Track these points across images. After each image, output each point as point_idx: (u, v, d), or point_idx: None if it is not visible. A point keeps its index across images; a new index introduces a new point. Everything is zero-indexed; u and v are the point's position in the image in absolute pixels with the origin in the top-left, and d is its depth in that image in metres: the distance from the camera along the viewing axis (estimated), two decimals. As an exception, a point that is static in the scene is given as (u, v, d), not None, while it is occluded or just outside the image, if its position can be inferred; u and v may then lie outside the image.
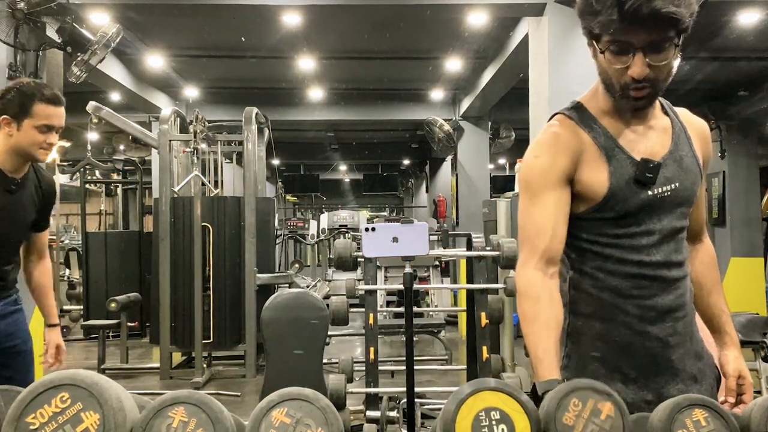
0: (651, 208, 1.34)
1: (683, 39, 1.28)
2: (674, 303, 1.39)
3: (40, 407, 1.20)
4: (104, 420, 1.20)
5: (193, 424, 1.23)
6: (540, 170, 1.35)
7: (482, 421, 1.28)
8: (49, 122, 2.23)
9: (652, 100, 1.35)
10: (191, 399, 1.26)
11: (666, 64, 1.28)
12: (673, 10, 1.20)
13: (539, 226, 1.34)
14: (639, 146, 1.36)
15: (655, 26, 1.22)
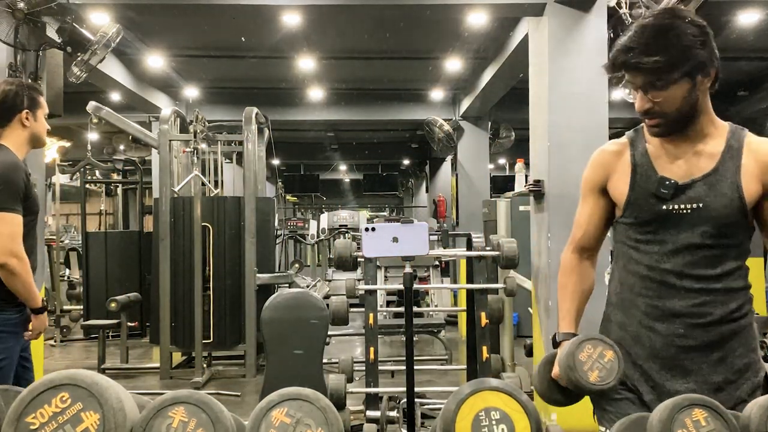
0: (668, 221, 1.53)
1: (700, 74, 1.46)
2: (687, 309, 1.54)
3: (40, 407, 1.20)
4: (104, 420, 1.20)
5: (193, 424, 1.23)
6: (584, 180, 1.69)
7: (482, 421, 1.28)
8: (47, 110, 2.61)
9: (667, 128, 1.52)
10: (191, 399, 1.26)
11: (668, 98, 1.46)
12: (638, 62, 1.44)
13: (579, 222, 1.78)
14: (674, 166, 1.54)
15: (640, 72, 1.46)
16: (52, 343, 7.74)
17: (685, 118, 1.51)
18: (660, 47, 1.43)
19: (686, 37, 1.44)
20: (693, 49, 1.44)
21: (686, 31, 1.44)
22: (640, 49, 1.44)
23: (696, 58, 1.44)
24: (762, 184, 1.53)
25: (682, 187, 1.52)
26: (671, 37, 1.43)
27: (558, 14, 4.51)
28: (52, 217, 9.88)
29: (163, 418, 1.22)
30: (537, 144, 4.76)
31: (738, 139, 1.58)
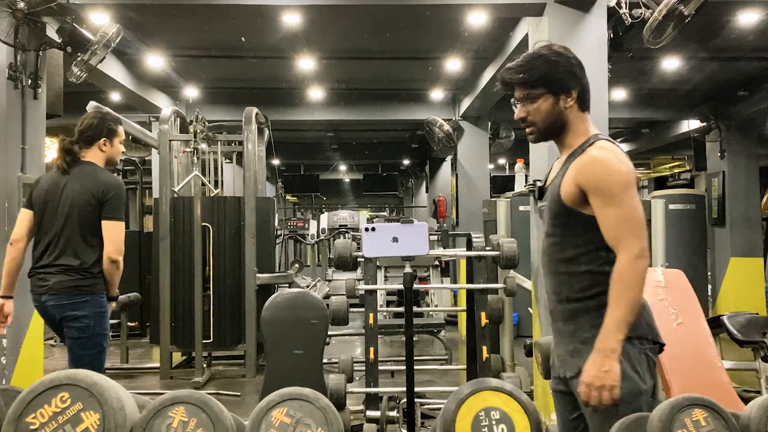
0: (540, 215, 1.95)
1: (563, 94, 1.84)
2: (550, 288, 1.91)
3: (40, 407, 1.20)
4: (104, 420, 1.20)
5: (193, 424, 1.23)
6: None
7: (482, 421, 1.28)
8: (123, 138, 3.32)
9: (538, 137, 1.92)
10: (191, 399, 1.26)
11: (536, 111, 1.86)
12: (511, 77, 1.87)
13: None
14: (553, 171, 1.95)
15: (515, 87, 1.88)
16: (52, 343, 7.74)
17: (553, 129, 1.89)
18: (528, 68, 1.84)
19: (550, 63, 1.84)
20: (553, 72, 1.83)
21: (551, 59, 1.84)
22: (515, 69, 1.86)
23: (555, 80, 1.83)
24: (577, 186, 1.80)
25: (543, 188, 1.95)
26: (538, 62, 1.84)
27: (558, 14, 4.51)
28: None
29: (163, 418, 1.22)
30: (537, 143, 4.75)
31: (582, 148, 1.85)
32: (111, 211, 3.12)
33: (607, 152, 1.79)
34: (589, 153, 1.81)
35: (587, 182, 1.77)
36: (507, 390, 1.28)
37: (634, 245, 1.72)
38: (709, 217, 8.64)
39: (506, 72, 1.88)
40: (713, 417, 1.24)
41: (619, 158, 1.79)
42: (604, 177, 1.75)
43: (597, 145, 1.82)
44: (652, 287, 4.40)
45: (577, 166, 1.81)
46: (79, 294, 3.05)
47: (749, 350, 4.75)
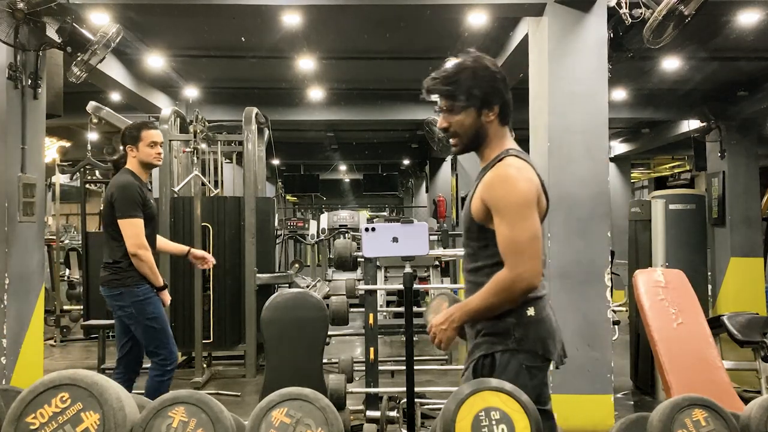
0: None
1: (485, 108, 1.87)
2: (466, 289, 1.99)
3: (40, 407, 1.20)
4: (104, 420, 1.20)
5: (193, 424, 1.23)
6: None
7: (482, 421, 1.28)
8: (153, 140, 3.56)
9: (461, 148, 1.93)
10: (191, 399, 1.26)
11: (459, 123, 1.89)
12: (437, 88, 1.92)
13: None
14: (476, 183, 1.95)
15: (440, 97, 1.92)
16: (52, 343, 7.74)
17: (475, 141, 1.90)
18: (454, 81, 1.87)
19: (476, 77, 1.85)
20: (478, 87, 1.85)
21: (478, 73, 1.86)
22: (440, 79, 1.90)
23: (480, 95, 1.85)
24: (482, 202, 1.84)
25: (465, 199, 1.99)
26: (465, 75, 1.86)
27: (558, 14, 4.51)
28: (52, 217, 9.88)
29: (163, 418, 1.22)
30: (537, 144, 4.75)
31: (492, 164, 1.88)
32: (119, 210, 3.44)
33: (512, 169, 1.81)
34: (495, 169, 1.84)
35: (489, 199, 1.82)
36: (507, 390, 1.28)
37: (519, 266, 1.77)
38: (709, 217, 8.64)
39: (432, 81, 1.91)
40: (713, 417, 1.24)
41: (523, 175, 1.81)
42: (502, 195, 1.79)
43: (505, 162, 1.84)
44: (652, 287, 4.40)
45: (484, 183, 1.86)
46: (114, 287, 3.45)
47: (749, 350, 4.75)
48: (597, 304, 4.41)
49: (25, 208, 4.28)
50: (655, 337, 4.13)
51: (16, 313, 4.23)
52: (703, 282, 7.83)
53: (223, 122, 7.57)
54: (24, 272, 4.32)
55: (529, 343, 1.84)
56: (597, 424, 4.27)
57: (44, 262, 5.90)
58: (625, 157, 12.76)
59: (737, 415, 1.29)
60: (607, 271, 4.45)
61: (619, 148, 12.33)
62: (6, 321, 4.12)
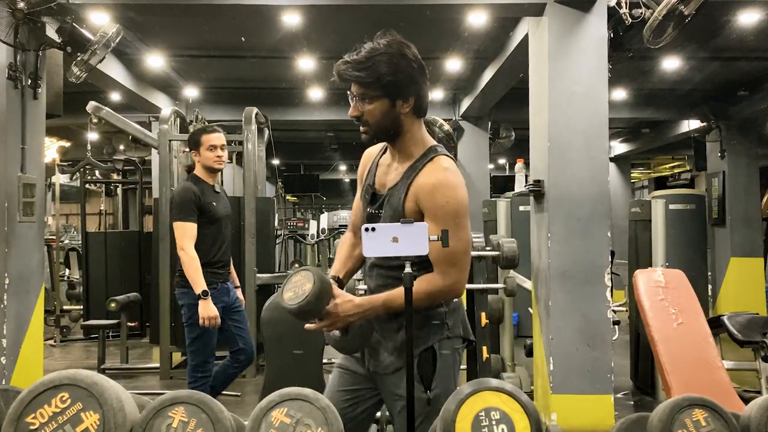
0: (371, 221, 1.82)
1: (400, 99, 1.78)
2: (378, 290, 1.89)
3: (40, 407, 1.20)
4: (104, 420, 1.20)
5: (193, 424, 1.23)
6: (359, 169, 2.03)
7: (482, 421, 1.28)
8: (212, 143, 3.70)
9: (372, 137, 1.84)
10: (191, 399, 1.26)
11: (372, 111, 1.78)
12: (348, 74, 1.76)
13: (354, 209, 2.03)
14: (383, 177, 1.89)
15: (352, 84, 1.79)
16: (52, 343, 7.74)
17: (387, 132, 1.81)
18: (367, 67, 1.73)
19: (391, 66, 1.73)
20: (393, 75, 1.74)
21: (393, 61, 1.75)
22: (353, 65, 1.75)
23: (394, 84, 1.75)
24: (416, 203, 1.79)
25: (378, 196, 1.87)
26: (379, 62, 1.73)
27: (558, 14, 4.51)
28: (52, 217, 9.88)
29: (163, 418, 1.22)
30: (537, 144, 4.75)
31: (421, 162, 1.82)
32: (171, 213, 3.78)
33: (450, 174, 1.80)
34: (435, 174, 1.79)
35: (426, 204, 1.78)
36: (507, 390, 1.28)
37: (452, 277, 1.79)
38: (709, 217, 8.64)
39: (345, 66, 1.76)
40: (713, 417, 1.24)
41: (460, 180, 1.81)
42: (441, 204, 1.76)
43: (440, 164, 1.81)
44: (652, 287, 4.40)
45: (420, 186, 1.79)
46: (177, 287, 3.70)
47: (749, 350, 4.75)
48: (597, 304, 4.41)
49: (25, 208, 4.28)
50: (655, 337, 4.13)
51: (16, 313, 4.23)
52: (703, 282, 7.83)
53: (223, 122, 7.57)
54: (24, 272, 4.32)
55: (457, 328, 1.89)
56: (597, 424, 4.27)
57: (44, 262, 5.90)
58: (625, 157, 12.76)
59: (737, 415, 1.29)
60: (607, 271, 4.45)
61: (619, 148, 12.33)
62: (6, 321, 4.12)
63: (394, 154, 1.88)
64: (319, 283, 1.72)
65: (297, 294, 1.72)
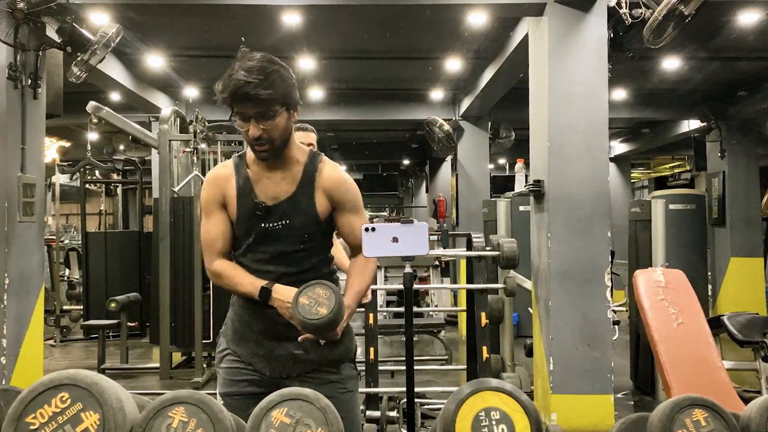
0: (266, 235, 1.90)
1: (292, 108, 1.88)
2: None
3: (40, 407, 1.20)
4: (104, 420, 1.20)
5: (193, 424, 1.23)
6: (205, 200, 1.96)
7: (482, 421, 1.28)
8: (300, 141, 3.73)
9: (273, 153, 1.87)
10: (191, 399, 1.26)
11: (274, 127, 1.83)
12: (257, 93, 1.79)
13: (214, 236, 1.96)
14: (268, 190, 1.92)
15: (255, 103, 1.80)
16: (52, 343, 7.74)
17: (284, 145, 1.88)
18: (271, 84, 1.81)
19: (285, 79, 1.87)
20: (290, 88, 1.87)
21: (284, 75, 1.88)
22: (257, 84, 1.80)
23: (291, 96, 1.86)
24: (329, 200, 1.93)
25: (272, 208, 1.90)
26: (276, 77, 1.84)
27: (558, 14, 4.51)
28: (52, 217, 9.88)
29: (163, 418, 1.22)
30: (537, 144, 4.76)
31: (314, 165, 1.94)
32: None
33: (344, 173, 2.01)
34: (337, 173, 1.96)
35: (340, 199, 1.94)
36: (507, 390, 1.28)
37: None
38: (709, 217, 8.64)
39: (249, 86, 1.79)
40: (713, 417, 1.24)
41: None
42: (353, 197, 1.97)
43: (333, 164, 1.98)
44: (652, 287, 4.40)
45: (330, 184, 1.93)
46: None
47: (749, 350, 4.75)
48: (597, 304, 4.41)
49: (25, 208, 4.28)
50: (655, 337, 4.13)
51: (16, 313, 4.23)
52: (703, 282, 7.84)
53: (223, 122, 7.56)
54: (24, 272, 4.32)
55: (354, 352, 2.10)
56: (597, 424, 4.27)
57: (44, 262, 5.90)
58: (625, 157, 12.76)
59: (737, 415, 1.29)
60: (607, 271, 4.45)
61: (619, 148, 12.33)
62: (6, 321, 4.12)
63: (274, 165, 1.92)
64: (338, 306, 1.76)
65: (312, 308, 1.75)
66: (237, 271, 1.95)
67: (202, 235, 1.98)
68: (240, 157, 1.99)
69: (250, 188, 1.92)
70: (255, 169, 1.94)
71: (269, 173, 1.93)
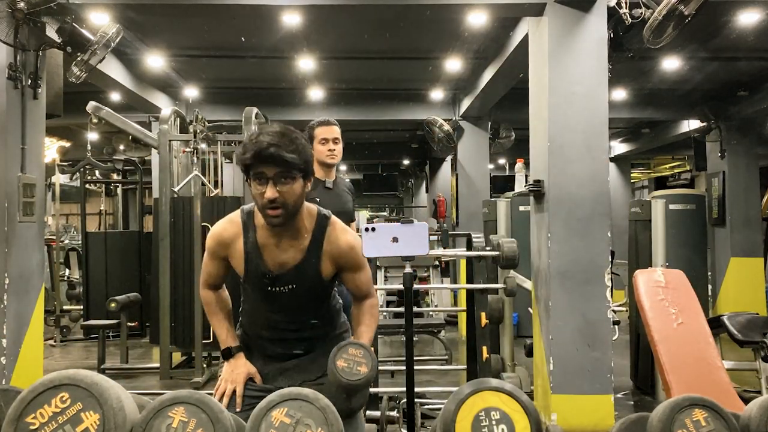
0: (272, 296, 2.02)
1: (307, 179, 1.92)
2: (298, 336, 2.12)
3: (40, 407, 1.20)
4: (104, 420, 1.20)
5: (193, 424, 1.23)
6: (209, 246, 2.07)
7: (482, 421, 1.28)
8: (323, 136, 3.44)
9: (285, 218, 1.90)
10: (191, 399, 1.26)
11: (291, 191, 1.87)
12: (282, 155, 1.82)
13: (209, 272, 2.14)
14: (276, 258, 1.98)
15: (277, 164, 1.83)
16: (52, 343, 7.74)
17: (297, 210, 1.93)
18: (294, 149, 1.85)
19: (307, 149, 1.91)
20: (309, 158, 1.92)
21: (305, 144, 1.92)
22: (282, 146, 1.83)
23: (309, 165, 1.92)
24: (335, 265, 2.02)
25: (279, 276, 1.98)
26: (298, 144, 1.87)
27: (558, 14, 4.51)
28: (52, 217, 9.88)
29: (163, 418, 1.22)
30: (537, 144, 4.76)
31: (321, 231, 2.01)
32: None
33: (350, 233, 2.06)
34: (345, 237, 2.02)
35: (346, 263, 2.04)
36: (507, 390, 1.28)
37: (374, 291, 2.16)
38: (709, 217, 8.64)
39: (275, 148, 1.83)
40: (713, 417, 1.24)
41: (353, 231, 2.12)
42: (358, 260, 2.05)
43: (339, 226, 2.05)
44: (652, 287, 4.40)
45: (336, 251, 2.01)
46: None
47: (749, 350, 4.75)
48: (597, 304, 4.41)
49: (25, 208, 4.28)
50: (655, 337, 4.13)
51: (16, 313, 4.23)
52: (703, 282, 7.83)
53: (223, 122, 7.57)
54: (24, 272, 4.32)
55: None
56: (597, 424, 4.27)
57: (44, 262, 5.90)
58: (625, 157, 12.77)
59: (737, 415, 1.29)
60: (607, 271, 4.46)
61: (619, 148, 12.33)
62: (6, 321, 4.12)
63: (283, 232, 1.96)
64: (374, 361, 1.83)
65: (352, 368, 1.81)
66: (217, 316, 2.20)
67: (202, 264, 2.16)
68: (248, 214, 2.02)
69: (258, 254, 1.98)
70: (263, 234, 1.99)
71: (277, 240, 1.98)
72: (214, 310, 2.21)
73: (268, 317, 2.10)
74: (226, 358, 2.11)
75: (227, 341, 2.14)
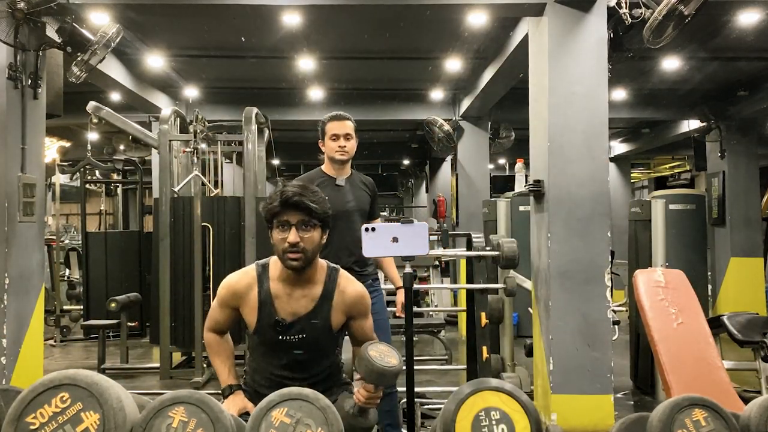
0: (283, 344, 2.11)
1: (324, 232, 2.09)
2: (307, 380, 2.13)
3: (40, 407, 1.20)
4: (104, 420, 1.20)
5: (193, 424, 1.23)
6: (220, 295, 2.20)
7: (482, 421, 1.28)
8: (334, 132, 3.28)
9: (304, 263, 2.04)
10: (191, 399, 1.26)
11: (311, 238, 2.03)
12: (310, 204, 2.00)
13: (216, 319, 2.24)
14: (288, 307, 2.10)
15: (302, 211, 2.00)
16: (52, 343, 7.74)
17: (314, 259, 2.07)
18: (317, 200, 2.03)
19: (325, 202, 2.07)
20: (328, 212, 2.08)
21: (323, 197, 2.08)
22: (307, 196, 2.01)
23: (328, 218, 2.08)
24: (345, 315, 2.15)
25: (291, 324, 2.08)
26: (318, 197, 2.05)
27: (558, 14, 4.51)
28: (52, 217, 9.88)
29: (163, 418, 1.22)
30: (537, 144, 4.75)
31: (332, 283, 2.14)
32: None
33: (356, 283, 2.19)
34: (354, 287, 2.16)
35: (356, 312, 2.17)
36: (507, 390, 1.28)
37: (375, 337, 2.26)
38: (709, 217, 8.64)
39: (300, 197, 2.00)
40: (713, 417, 1.24)
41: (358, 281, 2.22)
42: (368, 304, 2.20)
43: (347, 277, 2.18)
44: (652, 287, 4.40)
45: (347, 301, 2.14)
46: None
47: (749, 350, 4.75)
48: (597, 304, 4.41)
49: (25, 208, 4.28)
50: (655, 337, 4.13)
51: (16, 313, 4.23)
52: (703, 282, 7.84)
53: (223, 122, 7.57)
54: (24, 272, 4.32)
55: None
56: (597, 424, 4.27)
57: (44, 262, 5.90)
58: (625, 157, 12.77)
59: (737, 415, 1.29)
60: (607, 271, 4.45)
61: (619, 148, 12.33)
62: (6, 321, 4.12)
63: (296, 282, 2.10)
64: (401, 363, 1.89)
65: (383, 359, 1.87)
66: (219, 356, 2.25)
67: (210, 310, 2.28)
68: (263, 267, 2.16)
69: (271, 303, 2.10)
70: (276, 285, 2.11)
71: (290, 290, 2.10)
72: (216, 351, 2.28)
73: (272, 373, 2.16)
74: (225, 396, 2.17)
75: (228, 380, 2.21)
